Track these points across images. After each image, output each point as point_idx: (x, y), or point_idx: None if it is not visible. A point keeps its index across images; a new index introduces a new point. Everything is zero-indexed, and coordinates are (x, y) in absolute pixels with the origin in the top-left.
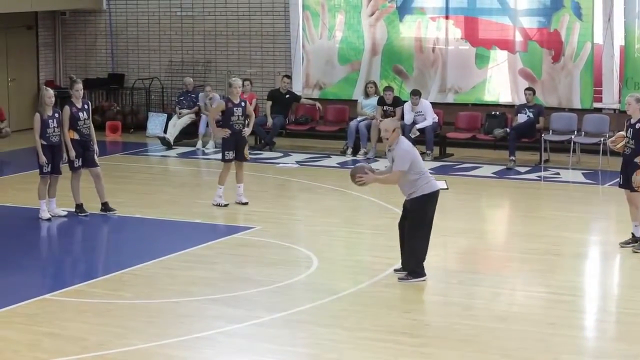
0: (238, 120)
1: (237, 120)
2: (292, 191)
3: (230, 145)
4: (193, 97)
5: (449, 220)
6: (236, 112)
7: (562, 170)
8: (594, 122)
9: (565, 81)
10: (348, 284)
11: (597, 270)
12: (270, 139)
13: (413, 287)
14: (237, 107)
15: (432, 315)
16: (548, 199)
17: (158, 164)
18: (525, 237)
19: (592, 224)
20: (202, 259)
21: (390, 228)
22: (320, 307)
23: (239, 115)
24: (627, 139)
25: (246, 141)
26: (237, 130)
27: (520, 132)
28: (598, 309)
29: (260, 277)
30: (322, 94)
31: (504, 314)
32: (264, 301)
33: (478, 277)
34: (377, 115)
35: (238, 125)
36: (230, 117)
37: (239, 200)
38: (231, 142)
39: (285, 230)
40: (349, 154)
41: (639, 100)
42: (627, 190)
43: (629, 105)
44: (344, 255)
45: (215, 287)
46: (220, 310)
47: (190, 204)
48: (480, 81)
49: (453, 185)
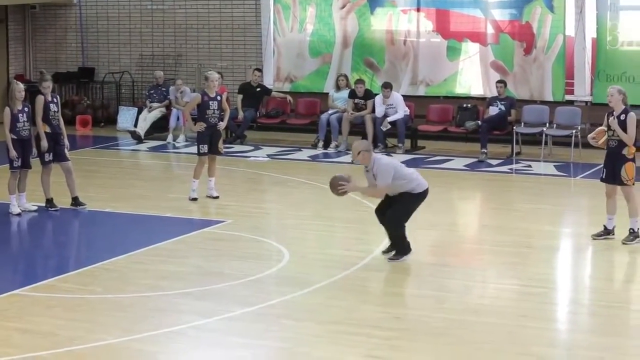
0: (214, 114)
1: (212, 114)
2: (263, 185)
3: (205, 139)
4: (164, 90)
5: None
6: (212, 105)
7: (534, 163)
8: (565, 114)
9: (537, 73)
10: (320, 277)
11: (569, 263)
12: (241, 133)
13: (384, 280)
14: (212, 100)
15: (404, 308)
16: (520, 191)
17: (129, 158)
18: (496, 230)
19: (564, 217)
20: (173, 253)
21: (362, 221)
22: (292, 301)
23: (215, 109)
24: (612, 131)
25: (221, 135)
26: (213, 124)
27: (492, 125)
28: (570, 301)
29: (232, 271)
30: (293, 87)
31: (475, 306)
32: (236, 295)
33: (450, 270)
34: (349, 108)
35: (213, 119)
36: (205, 110)
37: (210, 194)
38: (206, 135)
39: (257, 224)
40: (320, 147)
41: (621, 91)
42: (608, 185)
43: (611, 97)
44: (315, 249)
45: (186, 281)
46: (191, 304)
47: (161, 198)
48: (451, 74)
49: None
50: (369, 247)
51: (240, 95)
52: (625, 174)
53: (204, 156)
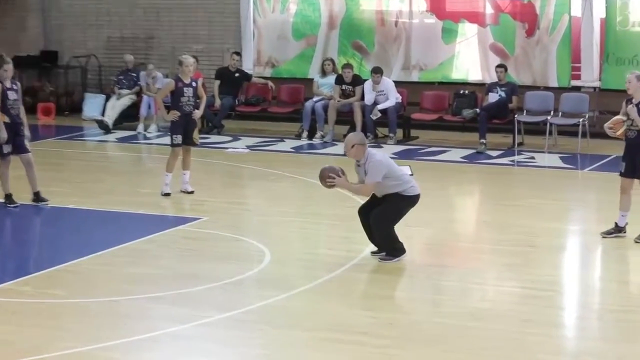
0: (188, 101)
1: (187, 102)
2: (242, 179)
3: (178, 129)
4: (134, 76)
5: (413, 210)
6: (186, 92)
7: (538, 154)
8: (572, 101)
9: (541, 57)
10: (304, 280)
11: (576, 263)
12: (218, 122)
13: (375, 282)
14: (187, 87)
15: (397, 312)
16: (522, 185)
17: (95, 149)
18: (497, 228)
19: (571, 213)
20: (144, 254)
21: (350, 218)
22: (274, 305)
23: (190, 96)
24: (630, 121)
25: (196, 124)
26: (187, 112)
27: (492, 113)
28: (578, 305)
29: (208, 273)
30: (275, 72)
31: (474, 311)
32: (212, 299)
33: (446, 271)
34: (335, 95)
35: (188, 107)
36: (179, 98)
37: (184, 189)
38: (180, 125)
39: (235, 222)
40: (304, 137)
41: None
42: (626, 179)
43: (629, 84)
44: (299, 249)
45: (158, 284)
46: (164, 309)
47: (130, 193)
48: (447, 58)
49: (418, 172)
50: (357, 246)
51: (218, 81)
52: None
53: (177, 147)
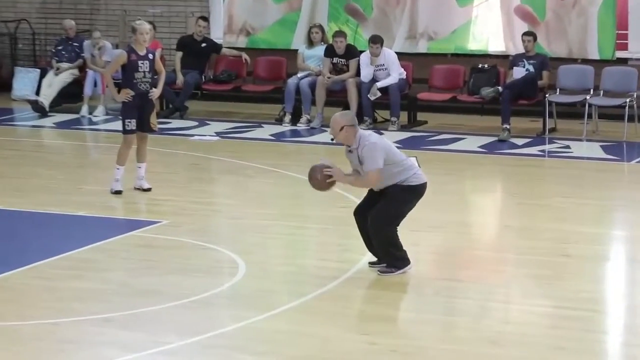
0: (144, 78)
1: (142, 78)
2: (210, 173)
3: (132, 112)
4: (76, 46)
5: (420, 210)
6: (142, 67)
7: (574, 143)
8: (616, 77)
9: (578, 23)
10: (287, 297)
11: (621, 277)
12: (181, 103)
13: (373, 301)
14: (143, 60)
15: (401, 337)
16: (554, 181)
17: (29, 136)
18: (523, 233)
19: (615, 215)
20: (89, 265)
21: (343, 222)
22: (250, 328)
23: (145, 72)
24: None
25: (154, 106)
26: (143, 91)
27: (517, 92)
28: (624, 328)
29: (169, 289)
30: (251, 41)
31: (495, 335)
32: (174, 321)
33: (460, 287)
34: (325, 71)
35: (144, 84)
36: (133, 73)
37: (139, 186)
38: (134, 107)
39: (202, 226)
40: (286, 122)
41: None
42: None
43: None
44: (281, 259)
45: (107, 302)
46: (114, 334)
47: (72, 191)
48: (462, 24)
49: (427, 164)
50: (353, 255)
51: (180, 53)
52: None
53: (130, 135)
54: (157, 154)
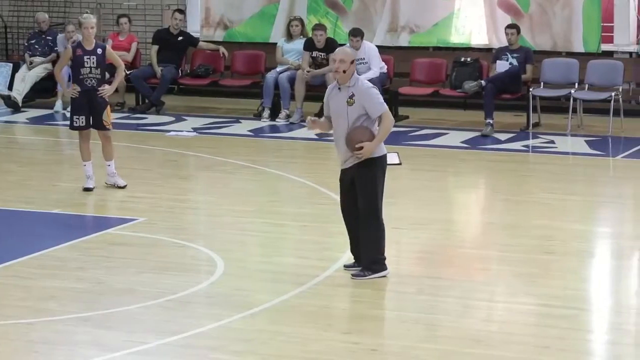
0: (91, 73)
1: (88, 74)
2: (188, 169)
3: (80, 108)
4: (49, 40)
5: (403, 208)
6: (87, 62)
7: (558, 137)
8: (602, 71)
9: (562, 15)
10: (266, 296)
11: (607, 274)
12: (157, 98)
13: (355, 299)
14: (89, 55)
15: (383, 337)
16: (539, 176)
17: (1, 132)
18: (507, 230)
19: (600, 211)
20: (64, 264)
21: (323, 218)
22: (228, 328)
23: (92, 67)
24: None
25: (106, 102)
26: (89, 87)
27: (500, 86)
28: (609, 327)
29: (145, 288)
30: (228, 35)
31: (479, 334)
32: (151, 320)
33: (443, 285)
34: (304, 65)
35: (91, 80)
36: (79, 69)
37: (113, 183)
38: (82, 103)
39: (179, 223)
40: (265, 117)
41: None
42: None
43: None
44: (259, 257)
45: (82, 302)
46: (90, 333)
47: (45, 188)
48: (445, 16)
49: (408, 160)
50: (332, 253)
51: (156, 47)
52: None
53: (80, 130)
54: (132, 149)
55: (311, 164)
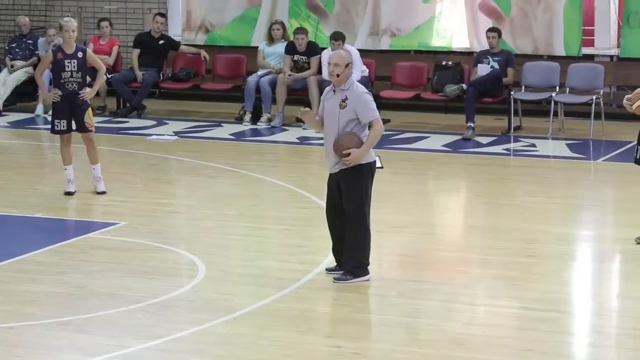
0: (72, 77)
1: (69, 78)
2: (169, 173)
3: (61, 113)
4: (30, 43)
5: (385, 211)
6: (68, 66)
7: (539, 141)
8: (582, 74)
9: (543, 19)
10: (247, 300)
11: (588, 277)
12: (138, 102)
13: (336, 303)
14: (70, 59)
15: (365, 340)
16: (520, 180)
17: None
18: (488, 233)
19: (581, 214)
20: (45, 268)
21: (305, 222)
22: (209, 332)
23: (73, 71)
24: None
25: (88, 105)
26: (71, 91)
27: (482, 89)
28: (591, 329)
29: (126, 292)
30: (210, 39)
31: (460, 338)
32: (133, 324)
33: (426, 288)
34: (285, 68)
35: (72, 84)
36: (60, 73)
37: (95, 188)
38: (63, 107)
39: (160, 227)
40: (247, 121)
41: None
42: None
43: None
44: (241, 261)
45: (64, 306)
46: (71, 337)
47: (26, 192)
48: (426, 20)
49: (389, 163)
50: (314, 257)
51: (137, 51)
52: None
53: (62, 134)
54: (114, 154)
55: (293, 168)
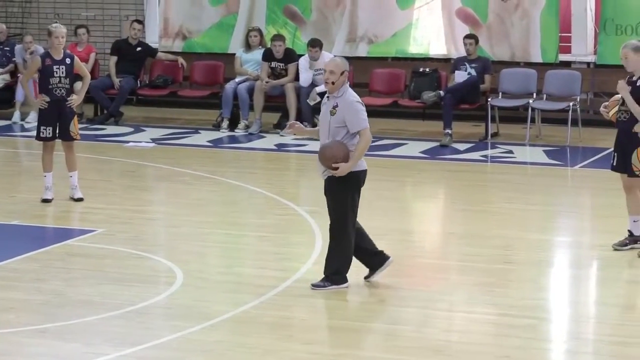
0: (60, 83)
1: (58, 84)
2: (146, 180)
3: (48, 119)
4: (7, 50)
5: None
6: (57, 72)
7: (517, 147)
8: (559, 81)
9: (520, 25)
10: (225, 307)
11: (565, 284)
12: (115, 109)
13: (314, 310)
14: (58, 65)
15: (343, 347)
16: (497, 186)
17: None
18: (466, 240)
19: (558, 221)
20: (22, 276)
21: (282, 229)
22: (187, 339)
23: (62, 77)
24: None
25: (74, 113)
26: (59, 97)
27: (459, 96)
28: (569, 336)
29: (104, 299)
30: (187, 45)
31: (438, 345)
32: (110, 332)
33: (403, 295)
34: (263, 75)
35: (60, 90)
36: (48, 79)
37: (72, 195)
38: (51, 114)
39: (137, 234)
40: (224, 127)
41: (638, 49)
42: (623, 175)
43: (626, 60)
44: (219, 268)
45: (40, 313)
46: (49, 345)
47: (3, 200)
48: (403, 27)
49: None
50: (292, 264)
51: (114, 58)
52: (637, 161)
53: (47, 141)
54: (91, 161)
55: (270, 175)
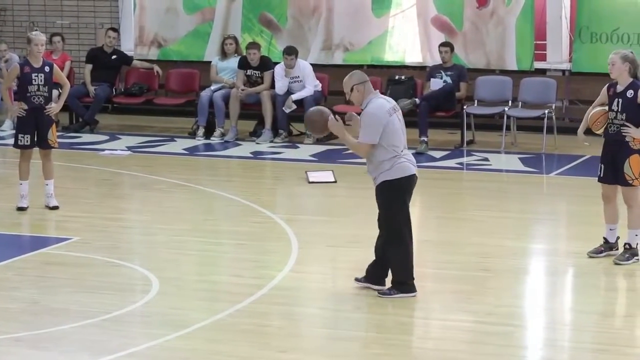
0: (38, 91)
1: (36, 92)
2: (122, 188)
3: (26, 127)
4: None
5: (339, 226)
6: (35, 79)
7: (492, 155)
8: (535, 88)
9: (496, 33)
10: (201, 314)
11: (541, 291)
12: (91, 117)
13: (290, 317)
14: (37, 72)
15: (319, 355)
16: (473, 194)
17: None
18: (442, 247)
19: (534, 228)
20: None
21: (259, 237)
22: (163, 347)
23: (40, 85)
24: (614, 112)
25: (52, 121)
26: (37, 105)
27: (434, 104)
28: (544, 343)
29: (80, 307)
30: (162, 53)
31: (415, 352)
32: (86, 340)
33: (378, 302)
34: (238, 83)
35: (38, 98)
36: (27, 86)
37: (47, 203)
38: (28, 121)
39: (113, 242)
40: (200, 135)
41: (627, 58)
42: (607, 185)
43: (613, 67)
44: (194, 275)
45: (15, 322)
46: (23, 354)
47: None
48: (379, 35)
49: (342, 178)
50: (268, 271)
51: (89, 66)
52: (629, 170)
53: (25, 149)
54: (66, 169)
55: (246, 183)
